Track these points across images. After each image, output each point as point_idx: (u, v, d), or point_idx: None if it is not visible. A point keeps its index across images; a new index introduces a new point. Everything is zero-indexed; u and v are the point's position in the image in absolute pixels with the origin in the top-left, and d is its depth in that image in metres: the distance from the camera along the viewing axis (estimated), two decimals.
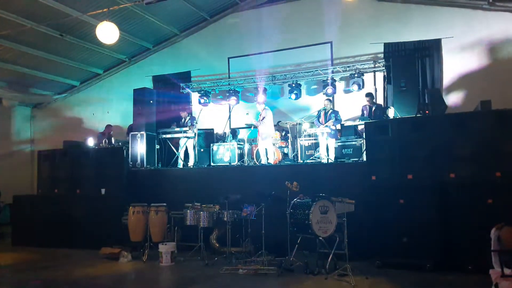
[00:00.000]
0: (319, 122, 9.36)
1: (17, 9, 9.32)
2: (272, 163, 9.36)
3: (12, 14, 9.40)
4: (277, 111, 11.38)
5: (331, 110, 9.40)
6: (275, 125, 10.33)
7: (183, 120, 10.53)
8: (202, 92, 11.88)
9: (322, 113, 9.42)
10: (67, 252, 8.22)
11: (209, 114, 11.65)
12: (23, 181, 12.59)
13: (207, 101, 11.89)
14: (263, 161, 9.51)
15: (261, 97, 11.01)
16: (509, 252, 4.17)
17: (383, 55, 10.28)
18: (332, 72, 10.64)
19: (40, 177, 9.92)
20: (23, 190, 11.40)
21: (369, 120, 8.88)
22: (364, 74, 10.36)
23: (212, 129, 11.31)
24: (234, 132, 11.29)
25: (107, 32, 7.66)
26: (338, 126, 9.52)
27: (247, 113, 11.82)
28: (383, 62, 10.17)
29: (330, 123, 9.11)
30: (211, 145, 10.55)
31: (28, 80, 12.80)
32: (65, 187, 9.30)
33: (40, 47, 11.25)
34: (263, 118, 9.50)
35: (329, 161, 8.94)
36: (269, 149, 9.55)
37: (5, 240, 9.89)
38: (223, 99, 11.92)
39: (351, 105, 10.65)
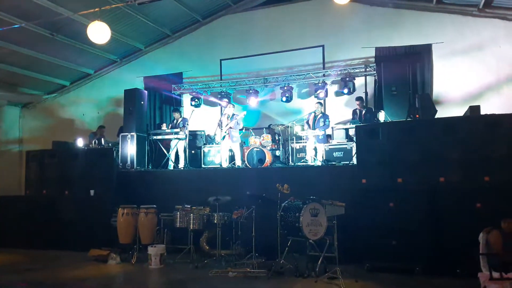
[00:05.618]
0: (308, 124, 9.43)
1: (8, 7, 9.20)
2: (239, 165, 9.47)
3: (2, 12, 9.29)
4: (268, 113, 11.42)
5: (320, 114, 9.46)
6: (266, 128, 10.36)
7: (174, 121, 10.48)
8: (194, 93, 11.84)
9: (312, 117, 9.47)
10: (55, 254, 8.12)
11: (200, 116, 11.60)
12: (10, 181, 12.38)
13: (199, 102, 11.85)
14: (224, 162, 9.60)
15: (252, 100, 11.04)
16: (497, 256, 4.22)
17: (374, 59, 10.34)
18: (324, 75, 10.68)
19: (28, 178, 9.81)
20: (11, 191, 11.22)
21: (359, 123, 8.93)
22: (356, 78, 10.42)
23: (203, 131, 11.27)
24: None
25: (99, 32, 7.60)
26: (328, 131, 9.55)
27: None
28: (374, 66, 10.23)
29: (317, 131, 9.15)
30: (202, 147, 10.52)
31: (18, 79, 12.63)
32: (54, 188, 9.21)
33: (30, 46, 11.11)
34: (237, 123, 9.65)
35: (317, 163, 8.96)
36: (237, 153, 9.67)
37: None
38: (214, 101, 11.88)
39: (342, 109, 10.72)
